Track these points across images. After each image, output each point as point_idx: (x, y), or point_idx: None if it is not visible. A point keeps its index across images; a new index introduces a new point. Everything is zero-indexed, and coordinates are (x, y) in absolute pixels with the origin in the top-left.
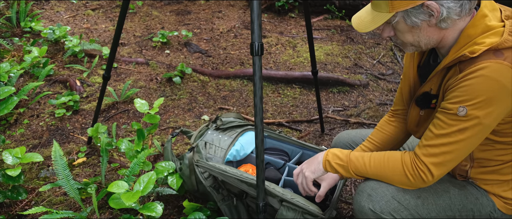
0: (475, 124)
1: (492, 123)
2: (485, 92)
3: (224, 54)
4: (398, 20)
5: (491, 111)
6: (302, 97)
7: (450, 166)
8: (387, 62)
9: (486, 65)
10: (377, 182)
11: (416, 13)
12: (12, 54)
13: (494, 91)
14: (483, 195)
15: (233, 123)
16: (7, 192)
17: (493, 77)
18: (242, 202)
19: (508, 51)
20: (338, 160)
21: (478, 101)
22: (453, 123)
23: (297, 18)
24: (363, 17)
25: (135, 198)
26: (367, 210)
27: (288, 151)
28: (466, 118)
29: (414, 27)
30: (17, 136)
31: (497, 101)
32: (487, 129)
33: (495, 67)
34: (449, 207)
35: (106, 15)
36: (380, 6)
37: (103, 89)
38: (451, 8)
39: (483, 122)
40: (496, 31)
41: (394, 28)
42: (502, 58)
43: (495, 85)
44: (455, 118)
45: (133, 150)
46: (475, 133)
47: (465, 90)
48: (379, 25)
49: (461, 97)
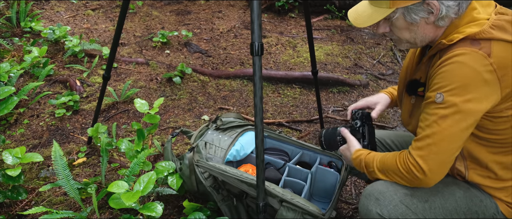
0: (454, 111)
1: (473, 111)
2: (460, 79)
3: (224, 54)
4: (398, 16)
5: (469, 98)
6: (302, 97)
7: (438, 160)
8: (387, 62)
9: (461, 52)
10: (385, 186)
11: (417, 10)
12: (12, 54)
13: (469, 78)
14: (486, 197)
15: (233, 123)
16: (7, 192)
17: (467, 64)
18: (242, 202)
19: (486, 42)
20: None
21: (453, 87)
22: (433, 112)
23: (297, 18)
24: (360, 12)
25: (135, 198)
26: (374, 214)
27: (288, 151)
28: (443, 105)
29: (412, 24)
30: (17, 136)
31: (474, 89)
32: (469, 118)
33: (469, 54)
34: (455, 210)
35: (106, 15)
36: (380, 2)
37: (103, 89)
38: (450, 7)
39: (461, 109)
40: (479, 23)
41: (391, 24)
42: (478, 47)
43: (470, 72)
44: (434, 106)
45: (133, 150)
46: (456, 121)
47: (442, 77)
48: (378, 20)
49: (438, 84)
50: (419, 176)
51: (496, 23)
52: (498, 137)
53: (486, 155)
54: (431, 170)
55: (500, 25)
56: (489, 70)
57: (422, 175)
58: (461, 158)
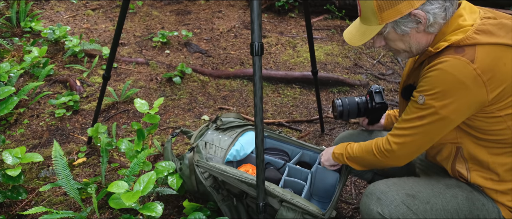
0: (431, 112)
1: (451, 115)
2: (441, 85)
3: (224, 54)
4: (389, 30)
5: (447, 103)
6: (302, 97)
7: (410, 149)
8: (387, 62)
9: (444, 60)
10: (387, 186)
11: (405, 22)
12: (12, 54)
13: (449, 84)
14: (489, 202)
15: (233, 123)
16: (7, 192)
17: (449, 72)
18: (242, 203)
19: (470, 48)
20: (338, 150)
21: (434, 92)
22: (414, 110)
23: (297, 18)
24: (354, 32)
25: (135, 198)
26: (375, 213)
27: (288, 151)
28: (423, 106)
29: (404, 35)
30: (17, 136)
31: (453, 95)
32: (447, 121)
33: (452, 62)
34: (457, 212)
35: (106, 15)
36: (369, 20)
37: (103, 89)
38: (437, 14)
39: (439, 112)
40: (463, 29)
41: (385, 38)
42: (461, 54)
43: (450, 79)
44: (416, 105)
45: (133, 150)
46: (433, 121)
47: (426, 82)
48: (371, 37)
49: (422, 87)
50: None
51: (480, 28)
52: (497, 138)
53: (488, 156)
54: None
55: (484, 30)
56: (472, 76)
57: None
58: (462, 160)
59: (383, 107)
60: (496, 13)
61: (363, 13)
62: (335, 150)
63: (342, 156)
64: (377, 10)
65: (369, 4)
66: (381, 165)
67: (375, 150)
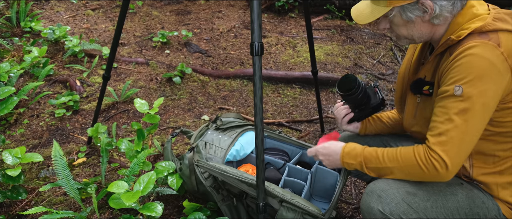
0: (474, 102)
1: (490, 102)
2: (476, 69)
3: (224, 54)
4: (395, 14)
5: (486, 88)
6: (302, 97)
7: (461, 153)
8: (387, 62)
9: (473, 44)
10: (387, 184)
11: (412, 9)
12: (12, 54)
13: (484, 68)
14: (489, 199)
15: (233, 123)
16: (7, 192)
17: (481, 55)
18: (242, 203)
19: (493, 33)
20: (353, 157)
21: (471, 78)
22: (453, 105)
23: (297, 18)
24: (362, 9)
25: (135, 198)
26: (376, 211)
27: (288, 151)
28: (463, 97)
29: (408, 22)
30: (17, 136)
31: (489, 79)
32: (486, 108)
33: (481, 46)
34: (457, 210)
35: (106, 15)
36: (378, 1)
37: (103, 89)
38: (444, 6)
39: (480, 100)
40: (481, 18)
41: (390, 21)
42: (487, 38)
43: (484, 62)
44: (454, 99)
45: (133, 150)
46: (476, 112)
47: (458, 70)
48: (377, 17)
49: (455, 77)
50: (439, 171)
51: (497, 16)
52: (505, 130)
53: (494, 149)
54: (453, 164)
55: (501, 18)
56: (501, 60)
57: (444, 170)
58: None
59: (382, 105)
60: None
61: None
62: (347, 160)
63: (361, 165)
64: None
65: None
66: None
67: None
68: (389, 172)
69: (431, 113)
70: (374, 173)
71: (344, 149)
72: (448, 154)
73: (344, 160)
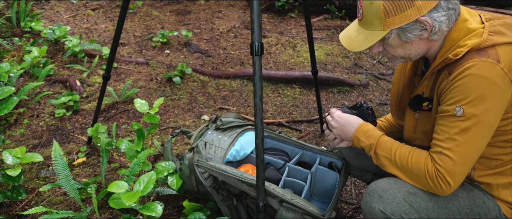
0: (475, 122)
1: (492, 120)
2: (477, 90)
3: (224, 54)
4: (393, 37)
5: (487, 107)
6: (302, 97)
7: (464, 170)
8: (387, 62)
9: (471, 64)
10: (388, 184)
11: (411, 29)
12: (12, 54)
13: (485, 87)
14: (489, 200)
15: (233, 123)
16: (7, 192)
17: (480, 75)
18: (242, 203)
19: (491, 49)
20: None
21: (472, 99)
22: (454, 125)
23: (297, 18)
24: (353, 36)
25: (135, 198)
26: (377, 211)
27: (288, 151)
28: (464, 117)
29: (406, 42)
30: (17, 136)
31: (491, 97)
32: (489, 127)
33: (480, 65)
34: (458, 210)
35: (106, 15)
36: (373, 25)
37: (103, 89)
38: (442, 21)
39: (482, 119)
40: (476, 33)
41: (385, 44)
42: (485, 56)
43: (484, 81)
44: (454, 119)
45: (133, 150)
46: (478, 131)
47: (458, 91)
48: (373, 43)
49: (456, 97)
50: (444, 189)
51: (492, 30)
52: (508, 137)
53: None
54: (456, 182)
55: (496, 31)
56: (502, 75)
57: (447, 188)
58: None
59: None
60: (493, 15)
61: (365, 17)
62: (360, 136)
63: (371, 147)
64: (383, 15)
65: (374, 8)
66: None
67: (427, 174)
68: (393, 167)
69: (430, 127)
70: (378, 161)
71: (362, 125)
72: (451, 174)
73: (357, 134)
